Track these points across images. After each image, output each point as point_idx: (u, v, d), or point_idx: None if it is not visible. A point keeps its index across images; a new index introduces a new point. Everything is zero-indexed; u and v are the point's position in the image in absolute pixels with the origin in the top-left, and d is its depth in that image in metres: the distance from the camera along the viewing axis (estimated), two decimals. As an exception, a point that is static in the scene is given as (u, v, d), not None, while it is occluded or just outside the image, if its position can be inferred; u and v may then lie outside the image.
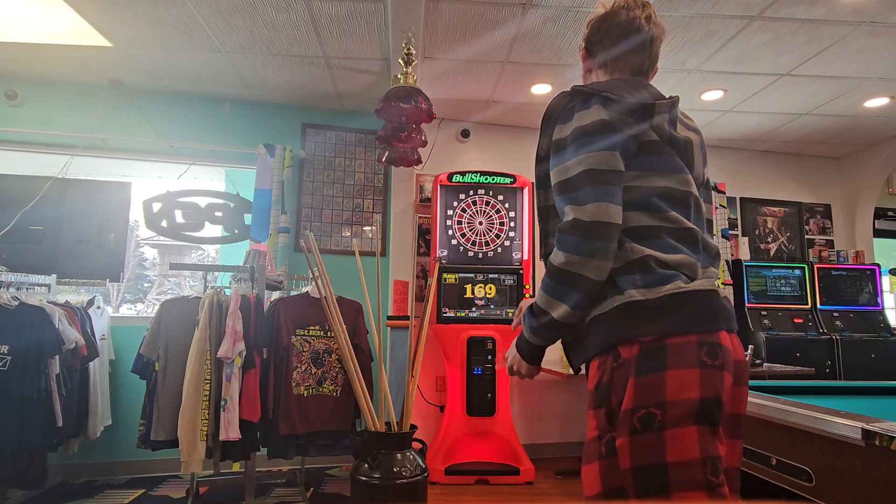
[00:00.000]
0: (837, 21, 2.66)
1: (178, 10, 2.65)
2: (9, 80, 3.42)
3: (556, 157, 1.10)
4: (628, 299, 0.99)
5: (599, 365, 1.01)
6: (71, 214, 3.21)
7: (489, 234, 3.58)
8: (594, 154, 1.03)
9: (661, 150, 1.08)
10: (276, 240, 3.55)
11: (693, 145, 1.15)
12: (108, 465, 3.24)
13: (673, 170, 1.09)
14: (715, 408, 0.93)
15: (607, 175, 1.02)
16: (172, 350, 2.57)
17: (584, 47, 1.28)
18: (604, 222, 0.99)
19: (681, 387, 0.92)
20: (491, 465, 3.25)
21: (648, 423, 0.91)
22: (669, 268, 1.00)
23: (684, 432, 0.91)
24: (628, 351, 0.96)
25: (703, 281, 1.02)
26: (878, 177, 4.55)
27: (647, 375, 0.94)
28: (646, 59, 1.22)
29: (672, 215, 1.05)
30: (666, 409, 0.91)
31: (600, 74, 1.25)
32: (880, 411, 1.35)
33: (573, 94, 1.12)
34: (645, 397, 0.92)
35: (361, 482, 2.13)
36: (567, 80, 3.38)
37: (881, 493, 1.07)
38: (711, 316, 0.99)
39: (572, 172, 1.04)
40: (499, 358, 3.34)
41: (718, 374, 0.95)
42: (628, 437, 0.92)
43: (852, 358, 3.90)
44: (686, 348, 0.94)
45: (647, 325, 0.96)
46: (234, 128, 3.74)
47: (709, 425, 0.92)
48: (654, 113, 1.07)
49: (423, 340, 2.55)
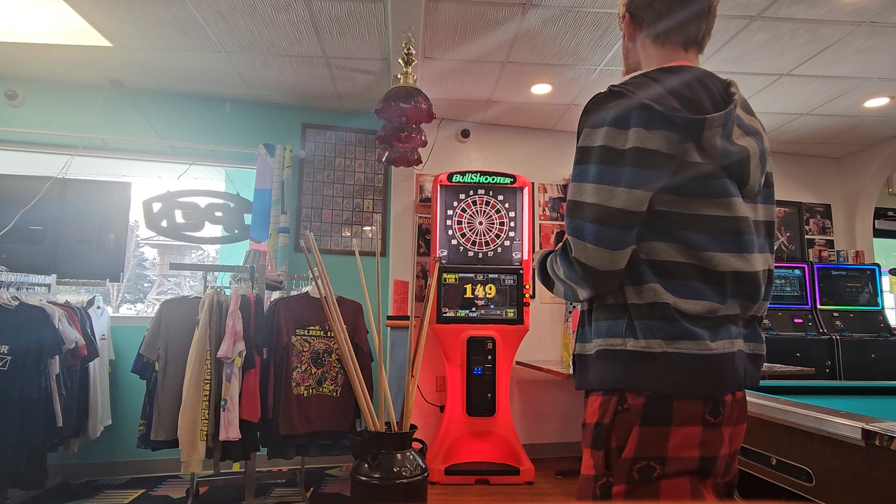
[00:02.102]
0: (837, 21, 2.66)
1: (178, 10, 2.65)
2: (9, 80, 3.42)
3: (577, 168, 0.98)
4: (644, 349, 0.94)
5: (602, 404, 0.98)
6: (71, 214, 3.21)
7: (489, 234, 3.58)
8: (614, 190, 0.91)
9: (705, 172, 0.93)
10: (276, 240, 3.55)
11: (749, 156, 0.98)
12: (108, 465, 3.24)
13: (717, 194, 0.94)
14: (712, 465, 0.95)
15: (624, 218, 0.91)
16: (172, 350, 2.57)
17: (627, 13, 1.10)
18: (602, 271, 0.94)
19: (683, 444, 0.92)
20: (491, 465, 3.25)
21: (647, 475, 0.92)
22: (690, 320, 0.93)
23: (679, 483, 0.92)
24: (635, 399, 0.94)
25: (725, 343, 0.94)
26: (878, 177, 4.55)
27: (652, 427, 0.93)
28: (703, 25, 1.05)
29: (706, 255, 0.94)
30: (666, 464, 0.92)
31: (647, 44, 1.08)
32: (880, 411, 1.35)
33: (609, 96, 0.97)
34: (647, 449, 0.92)
35: (361, 482, 2.13)
36: (567, 79, 3.38)
37: (881, 493, 1.07)
38: (722, 382, 0.95)
39: (585, 199, 0.94)
40: (499, 358, 3.34)
41: (718, 433, 0.95)
42: (625, 485, 0.93)
43: (852, 358, 3.90)
44: (692, 408, 0.93)
45: (656, 380, 0.93)
46: (234, 128, 3.74)
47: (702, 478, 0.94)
48: (703, 129, 0.92)
49: (423, 340, 2.55)
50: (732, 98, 0.99)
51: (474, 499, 2.96)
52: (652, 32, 1.07)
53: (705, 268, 0.94)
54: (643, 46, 1.09)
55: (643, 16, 1.07)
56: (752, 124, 1.03)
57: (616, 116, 0.93)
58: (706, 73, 1.02)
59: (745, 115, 1.03)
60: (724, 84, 1.03)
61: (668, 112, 0.91)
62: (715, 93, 0.98)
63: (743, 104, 1.04)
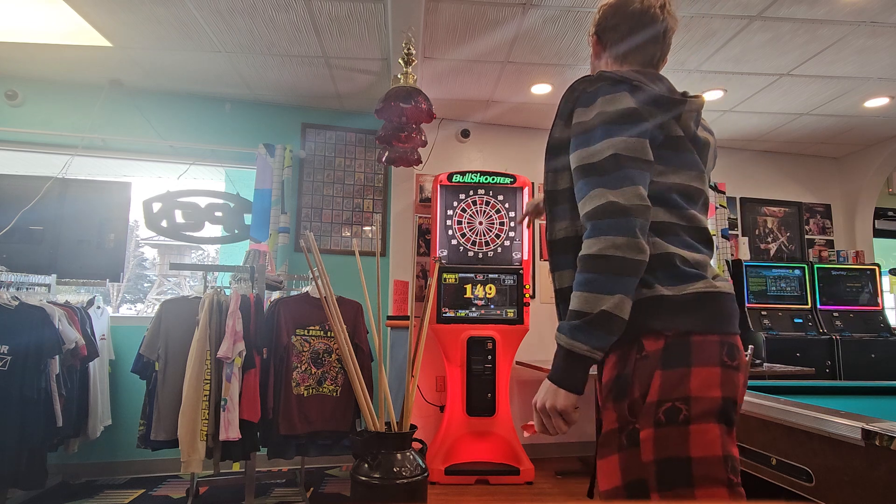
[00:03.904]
0: (837, 21, 2.66)
1: (178, 10, 2.65)
2: (9, 80, 3.42)
3: (577, 140, 1.05)
4: (655, 293, 0.99)
5: (619, 357, 1.01)
6: (71, 214, 3.21)
7: (489, 234, 3.58)
8: (625, 139, 1.00)
9: (685, 146, 1.07)
10: (276, 240, 3.55)
11: (709, 147, 1.16)
12: (108, 465, 3.24)
13: (692, 167, 1.08)
14: (732, 408, 0.95)
15: (640, 162, 1.00)
16: (172, 350, 2.57)
17: (595, 34, 1.23)
18: (643, 205, 0.97)
19: (705, 384, 0.93)
20: (491, 465, 3.25)
21: (674, 416, 0.92)
22: (692, 266, 1.02)
23: (708, 428, 0.92)
24: (653, 344, 0.97)
25: (726, 283, 1.04)
26: (878, 177, 4.55)
27: (674, 370, 0.94)
28: (658, 50, 1.18)
29: (689, 213, 1.06)
30: (691, 404, 0.92)
31: (610, 63, 1.21)
32: (880, 411, 1.35)
33: (598, 78, 1.08)
34: (671, 391, 0.93)
35: (361, 482, 2.13)
36: (567, 79, 3.37)
37: (881, 493, 1.07)
38: (731, 318, 1.02)
39: (602, 156, 1.00)
40: (499, 358, 3.34)
41: (736, 376, 0.97)
42: (653, 428, 0.93)
43: (852, 358, 3.90)
44: (709, 347, 0.96)
45: (674, 319, 0.97)
46: (234, 128, 3.74)
47: (727, 425, 0.94)
48: (682, 108, 1.06)
49: (423, 340, 2.55)
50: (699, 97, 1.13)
51: (474, 499, 2.96)
52: (614, 52, 1.20)
53: (691, 225, 1.07)
54: (607, 64, 1.22)
55: (608, 37, 1.20)
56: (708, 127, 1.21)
57: (608, 89, 1.05)
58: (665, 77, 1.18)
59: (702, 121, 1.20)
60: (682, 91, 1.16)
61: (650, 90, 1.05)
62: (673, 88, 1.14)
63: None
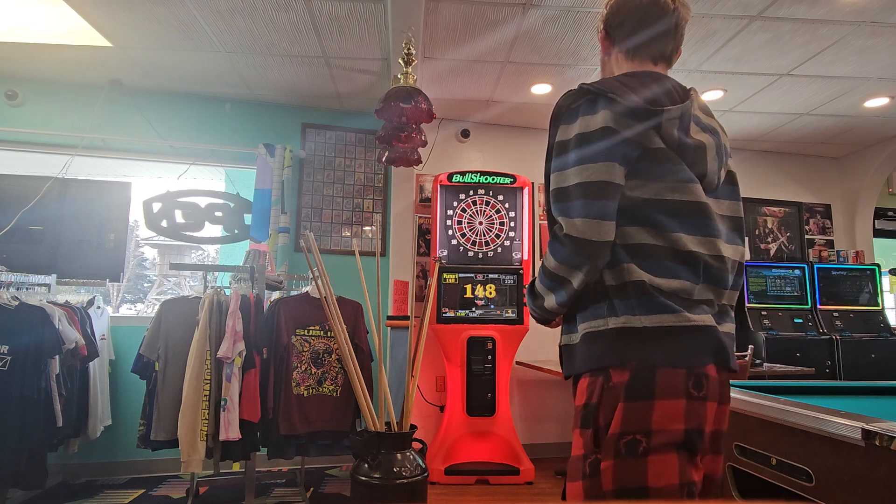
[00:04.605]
0: (837, 21, 2.66)
1: (178, 10, 2.65)
2: (9, 80, 3.42)
3: (556, 160, 1.07)
4: (625, 325, 0.99)
5: (589, 384, 1.02)
6: (71, 214, 3.21)
7: (489, 234, 3.58)
8: (592, 166, 1.00)
9: (666, 157, 1.02)
10: (276, 240, 3.55)
11: (706, 149, 1.07)
12: (108, 465, 3.24)
13: (679, 180, 1.03)
14: (697, 438, 0.96)
15: (603, 189, 0.99)
16: (172, 350, 2.57)
17: (603, 29, 1.19)
18: (591, 241, 0.99)
19: (667, 417, 0.95)
20: (491, 465, 3.25)
21: (633, 448, 0.94)
22: (666, 295, 0.99)
23: (666, 459, 0.94)
24: (619, 375, 0.98)
25: (703, 316, 1.00)
26: (878, 177, 4.55)
27: (637, 402, 0.95)
28: (670, 43, 1.14)
29: (674, 236, 1.01)
30: (651, 436, 0.94)
31: (620, 59, 1.17)
32: (880, 411, 1.35)
33: (579, 93, 1.06)
34: (632, 424, 0.95)
35: (361, 482, 2.13)
36: (567, 79, 3.38)
37: (881, 493, 1.07)
38: (703, 351, 0.99)
39: (568, 182, 1.02)
40: (499, 358, 3.34)
41: (702, 406, 0.97)
42: (613, 460, 0.95)
43: (852, 358, 3.90)
44: (674, 378, 0.96)
45: (640, 352, 0.97)
46: (234, 128, 3.74)
47: (688, 453, 0.96)
48: (662, 118, 1.02)
49: (423, 340, 2.55)
50: (689, 96, 1.09)
51: (474, 499, 2.96)
52: (623, 47, 1.16)
53: (674, 248, 1.01)
54: (616, 60, 1.18)
55: (616, 33, 1.17)
56: (710, 124, 1.13)
57: (587, 107, 1.04)
58: (667, 77, 1.12)
59: (703, 116, 1.12)
60: (684, 88, 1.12)
61: (628, 102, 1.01)
62: (673, 93, 1.08)
63: (702, 107, 1.14)
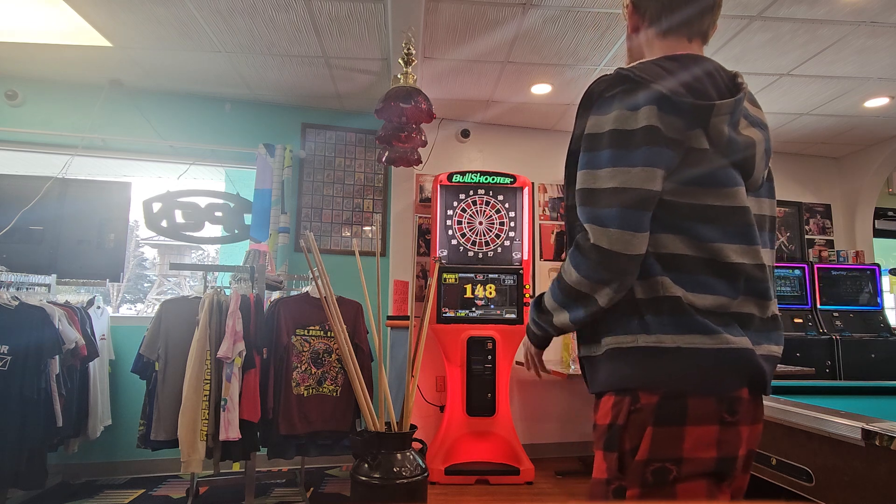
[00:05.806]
0: (837, 21, 2.66)
1: (178, 10, 2.65)
2: (9, 80, 3.42)
3: (586, 155, 0.94)
4: (657, 344, 0.90)
5: (615, 404, 0.94)
6: (71, 214, 3.21)
7: (489, 234, 3.58)
8: (631, 170, 0.89)
9: (711, 159, 0.91)
10: (276, 240, 3.55)
11: (755, 145, 0.96)
12: (108, 465, 3.24)
13: (722, 184, 0.92)
14: (729, 466, 0.90)
15: (641, 198, 0.89)
16: (172, 350, 2.57)
17: (631, 2, 1.07)
18: (625, 254, 0.89)
19: (699, 444, 0.88)
20: (491, 465, 3.25)
21: (662, 477, 0.88)
22: (702, 314, 0.90)
23: (695, 486, 0.88)
24: (648, 397, 0.90)
25: (741, 339, 0.91)
26: (878, 177, 4.55)
27: (666, 427, 0.88)
28: (709, 17, 1.02)
29: (714, 247, 0.91)
30: (682, 465, 0.87)
31: (651, 36, 1.05)
32: (880, 411, 1.35)
33: (616, 79, 0.94)
34: (661, 451, 0.88)
35: (361, 482, 2.13)
36: (567, 79, 3.38)
37: (881, 493, 1.07)
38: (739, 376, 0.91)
39: (601, 185, 0.91)
40: (499, 358, 3.34)
41: (736, 432, 0.90)
42: (640, 489, 0.89)
43: (852, 358, 3.90)
44: (707, 403, 0.89)
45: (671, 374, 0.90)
46: (234, 128, 3.74)
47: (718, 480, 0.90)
48: (711, 115, 0.90)
49: (423, 340, 2.55)
50: (741, 87, 0.97)
51: (474, 499, 2.96)
52: (655, 23, 1.04)
53: (714, 260, 0.91)
54: (647, 37, 1.06)
55: (647, 6, 1.04)
56: (759, 116, 1.02)
57: (625, 99, 0.91)
58: (711, 62, 1.00)
59: (751, 107, 1.02)
60: (731, 75, 1.01)
61: (674, 97, 0.89)
62: (720, 82, 0.97)
63: (749, 96, 1.02)
